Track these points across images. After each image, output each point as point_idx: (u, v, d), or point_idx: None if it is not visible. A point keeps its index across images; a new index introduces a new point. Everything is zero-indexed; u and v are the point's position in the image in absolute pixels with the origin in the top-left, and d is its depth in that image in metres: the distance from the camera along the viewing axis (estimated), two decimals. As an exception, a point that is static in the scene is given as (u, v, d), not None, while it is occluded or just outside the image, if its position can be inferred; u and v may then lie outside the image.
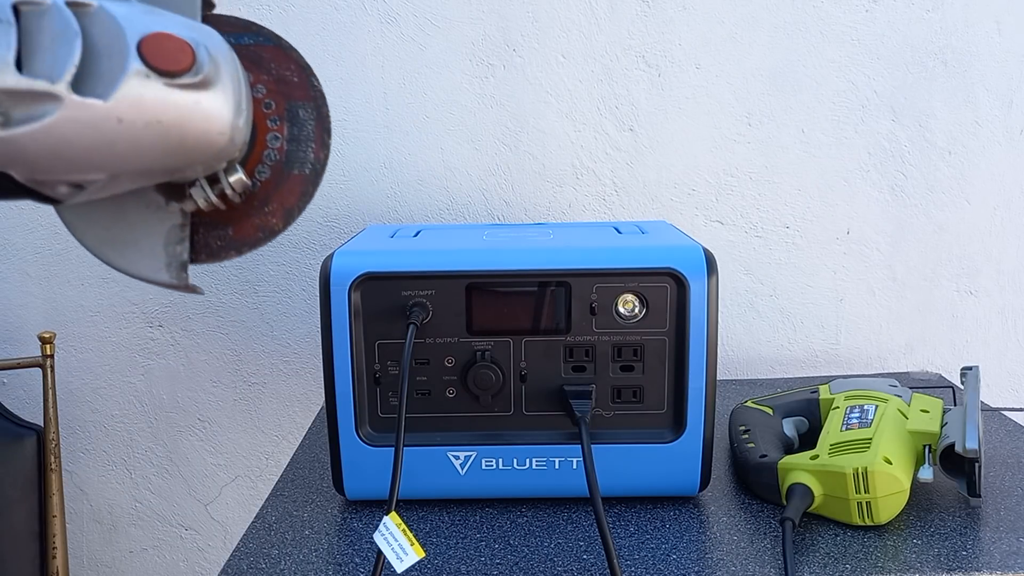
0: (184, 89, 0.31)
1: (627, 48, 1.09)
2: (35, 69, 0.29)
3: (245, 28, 0.39)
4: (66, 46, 0.30)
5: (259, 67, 0.39)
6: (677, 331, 0.72)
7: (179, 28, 0.32)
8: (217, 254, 0.39)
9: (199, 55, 0.32)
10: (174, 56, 0.31)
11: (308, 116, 0.39)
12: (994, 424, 0.91)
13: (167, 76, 0.31)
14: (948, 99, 1.12)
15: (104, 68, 0.30)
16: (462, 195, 1.13)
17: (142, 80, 0.31)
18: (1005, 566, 0.63)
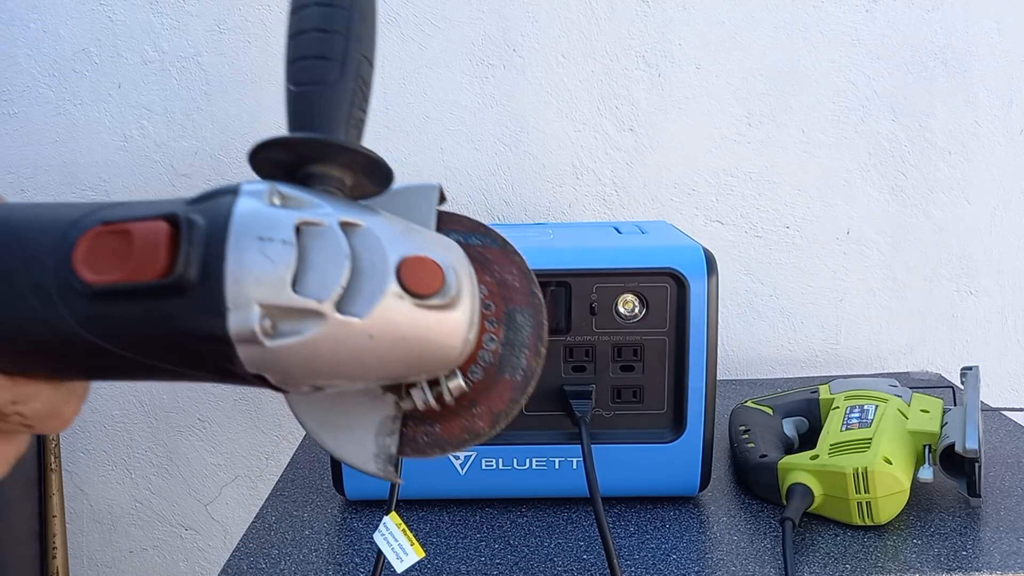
0: (431, 309, 0.33)
1: (627, 48, 1.09)
2: (307, 288, 0.31)
3: (474, 228, 0.40)
4: (337, 267, 0.32)
5: (483, 267, 0.39)
6: (677, 331, 0.72)
7: (432, 248, 0.34)
8: (423, 451, 0.38)
9: (448, 278, 0.33)
10: (428, 280, 0.33)
11: (525, 322, 0.39)
12: (994, 424, 0.91)
13: (418, 298, 0.33)
14: (948, 99, 1.12)
15: (365, 287, 0.32)
16: (462, 195, 1.13)
17: (396, 300, 0.32)
18: (1005, 566, 0.63)
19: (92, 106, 1.10)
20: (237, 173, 1.11)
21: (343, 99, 0.35)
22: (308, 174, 0.34)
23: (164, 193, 1.12)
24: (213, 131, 1.10)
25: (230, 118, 1.10)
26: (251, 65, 1.09)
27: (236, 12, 1.08)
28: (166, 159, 1.11)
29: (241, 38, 1.08)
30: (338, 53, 0.35)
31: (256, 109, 1.10)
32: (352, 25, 0.36)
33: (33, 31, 1.08)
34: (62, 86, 1.09)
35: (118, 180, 1.11)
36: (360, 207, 0.34)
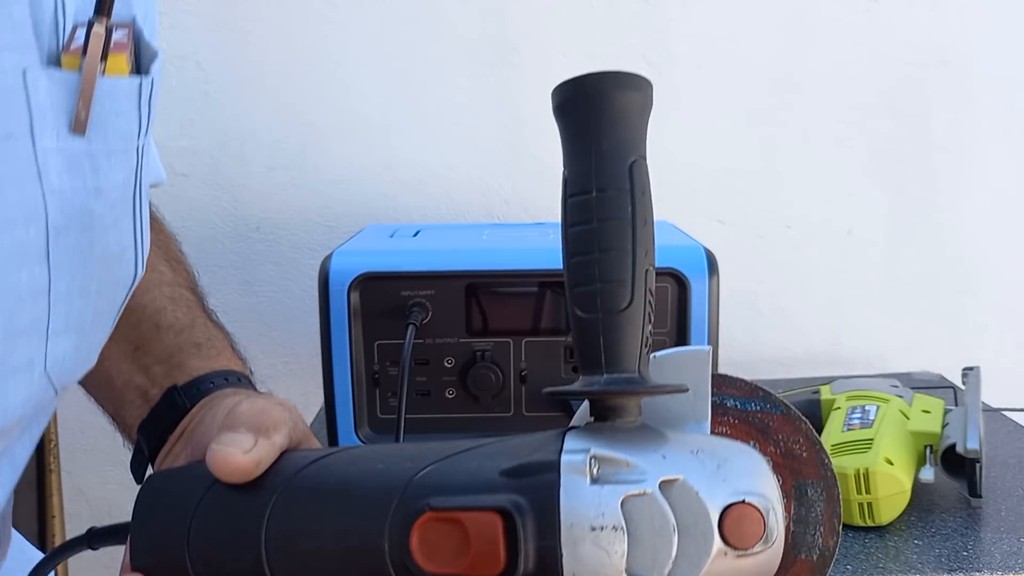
0: (756, 555, 0.32)
1: (627, 47, 1.09)
2: (637, 565, 0.31)
3: (751, 393, 0.38)
4: (665, 542, 0.31)
5: (765, 436, 0.38)
6: (678, 331, 0.71)
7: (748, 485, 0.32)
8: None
9: (768, 524, 0.31)
10: (751, 533, 0.31)
11: (817, 496, 0.37)
12: (995, 424, 0.91)
13: (742, 551, 0.31)
14: (948, 99, 1.11)
15: (690, 552, 0.31)
16: (462, 195, 1.12)
17: (721, 558, 0.31)
18: (1006, 567, 0.63)
19: (91, 106, 1.09)
20: (235, 172, 1.11)
21: (636, 326, 0.34)
22: (609, 407, 0.34)
23: (163, 193, 1.11)
24: (211, 130, 1.10)
25: (228, 118, 1.10)
26: (250, 65, 1.09)
27: (236, 12, 1.07)
28: (165, 159, 1.10)
29: (240, 38, 1.08)
30: (627, 274, 0.35)
31: (255, 109, 1.10)
32: (637, 237, 0.35)
33: (31, 30, 1.07)
34: (61, 86, 1.09)
35: (117, 180, 1.11)
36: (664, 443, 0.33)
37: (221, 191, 1.11)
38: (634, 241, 0.36)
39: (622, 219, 0.35)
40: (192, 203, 1.11)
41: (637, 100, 0.37)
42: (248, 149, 1.11)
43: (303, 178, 1.11)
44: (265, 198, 1.12)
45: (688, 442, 0.33)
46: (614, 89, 0.36)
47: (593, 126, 0.36)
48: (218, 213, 1.12)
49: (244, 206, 1.12)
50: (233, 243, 1.13)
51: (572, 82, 0.35)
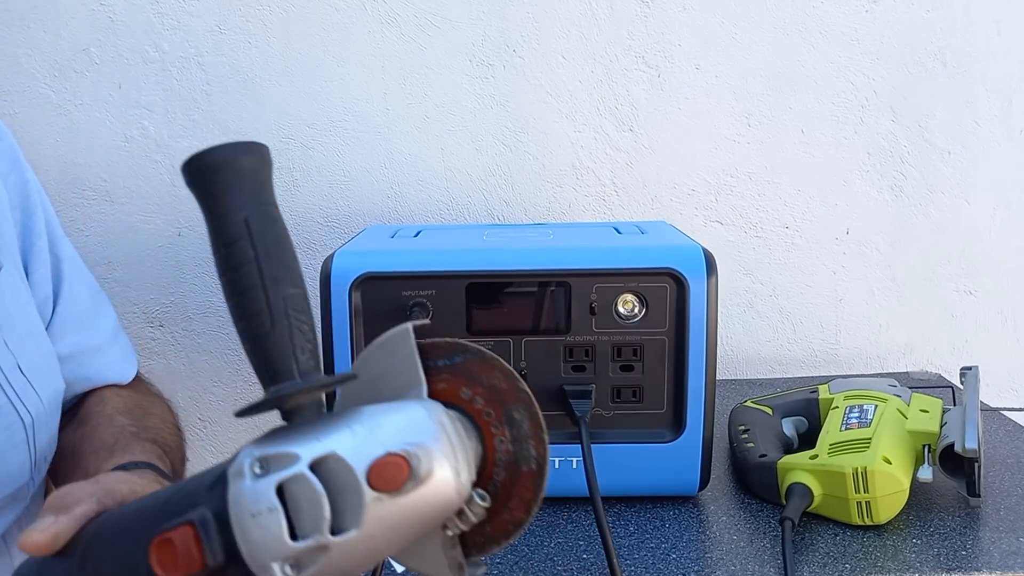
0: (410, 492, 0.39)
1: (627, 48, 1.09)
2: (304, 530, 0.39)
3: (454, 349, 0.45)
4: (317, 506, 0.39)
5: (473, 380, 0.44)
6: (677, 331, 0.72)
7: (392, 439, 0.40)
8: (482, 548, 0.45)
9: (413, 464, 0.39)
10: (394, 477, 0.39)
11: (522, 416, 0.44)
12: (994, 424, 0.91)
13: (394, 492, 0.39)
14: (948, 99, 1.12)
15: (348, 506, 0.39)
16: (462, 195, 1.13)
17: (377, 503, 0.39)
18: (1004, 566, 0.63)
19: (93, 106, 1.10)
20: (237, 173, 1.11)
21: (283, 342, 0.41)
22: (289, 410, 0.41)
23: (165, 193, 1.12)
24: (214, 131, 1.10)
25: (230, 118, 1.10)
26: (252, 65, 1.09)
27: (237, 12, 1.08)
28: (167, 159, 1.11)
29: (242, 38, 1.08)
30: (262, 305, 0.41)
31: (257, 109, 1.10)
32: (264, 274, 0.41)
33: (33, 31, 1.08)
34: (62, 86, 1.09)
35: (118, 180, 1.11)
36: (329, 425, 0.40)
37: (222, 191, 1.12)
38: (262, 278, 0.42)
39: (248, 263, 0.42)
40: (195, 203, 1.11)
41: (247, 164, 0.43)
42: (249, 149, 1.11)
43: (304, 179, 1.12)
44: (266, 198, 1.12)
45: (357, 419, 0.41)
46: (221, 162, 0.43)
47: (208, 195, 0.43)
48: (219, 213, 1.12)
49: (245, 206, 1.12)
50: (234, 243, 1.13)
51: (188, 162, 0.43)
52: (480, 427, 0.44)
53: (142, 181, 1.12)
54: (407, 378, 0.44)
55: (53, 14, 1.07)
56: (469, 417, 0.45)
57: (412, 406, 0.42)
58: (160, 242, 1.12)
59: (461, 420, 0.44)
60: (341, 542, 0.39)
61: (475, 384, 0.44)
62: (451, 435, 0.41)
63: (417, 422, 0.41)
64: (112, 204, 1.12)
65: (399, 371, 0.44)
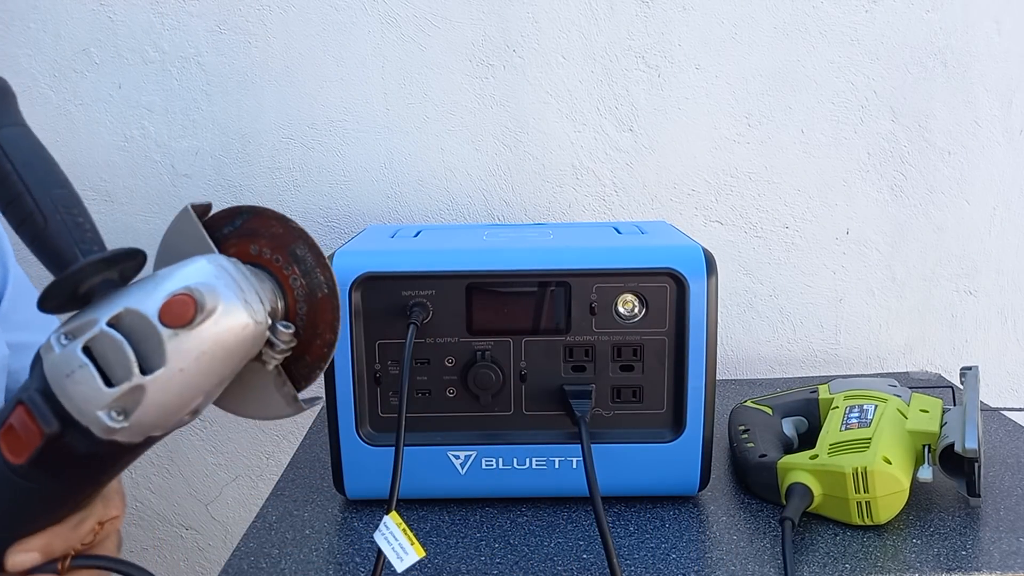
0: (203, 323, 0.43)
1: (627, 49, 1.10)
2: (117, 378, 0.43)
3: (233, 214, 0.49)
4: (122, 352, 0.43)
5: (256, 235, 0.49)
6: (677, 331, 0.72)
7: (176, 284, 0.44)
8: (308, 378, 0.50)
9: (198, 299, 0.43)
10: (182, 312, 0.43)
11: (304, 251, 0.48)
12: (993, 424, 0.91)
13: (188, 325, 0.43)
14: (948, 99, 1.12)
15: (151, 347, 0.43)
16: (462, 195, 1.13)
17: (175, 338, 0.43)
18: (1004, 566, 0.63)
19: (92, 106, 1.10)
20: (237, 173, 1.11)
21: (61, 235, 0.45)
22: (87, 292, 0.45)
23: (165, 193, 1.12)
24: (213, 131, 1.10)
25: (230, 118, 1.10)
26: (251, 65, 1.09)
27: (237, 13, 1.08)
28: (167, 159, 1.11)
29: (242, 39, 1.08)
30: (30, 207, 0.45)
31: (257, 109, 1.10)
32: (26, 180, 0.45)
33: (33, 31, 1.08)
34: (62, 86, 1.09)
35: (118, 180, 1.11)
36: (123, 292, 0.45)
37: (223, 192, 1.12)
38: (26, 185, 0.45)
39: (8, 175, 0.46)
40: (193, 203, 1.12)
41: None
42: (250, 150, 1.11)
43: (305, 179, 1.12)
44: (267, 199, 1.12)
45: (148, 280, 0.45)
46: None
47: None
48: (219, 213, 1.12)
49: (245, 206, 1.12)
50: (234, 243, 1.13)
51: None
52: (276, 275, 0.49)
53: (142, 181, 1.12)
54: (199, 250, 0.48)
55: (53, 14, 1.07)
56: (266, 270, 0.49)
57: (196, 259, 0.46)
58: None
59: (255, 271, 0.48)
60: (153, 380, 0.43)
61: (259, 238, 0.49)
62: (233, 273, 0.45)
63: (199, 268, 0.45)
64: (112, 204, 1.12)
65: (192, 246, 0.48)
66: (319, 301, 0.48)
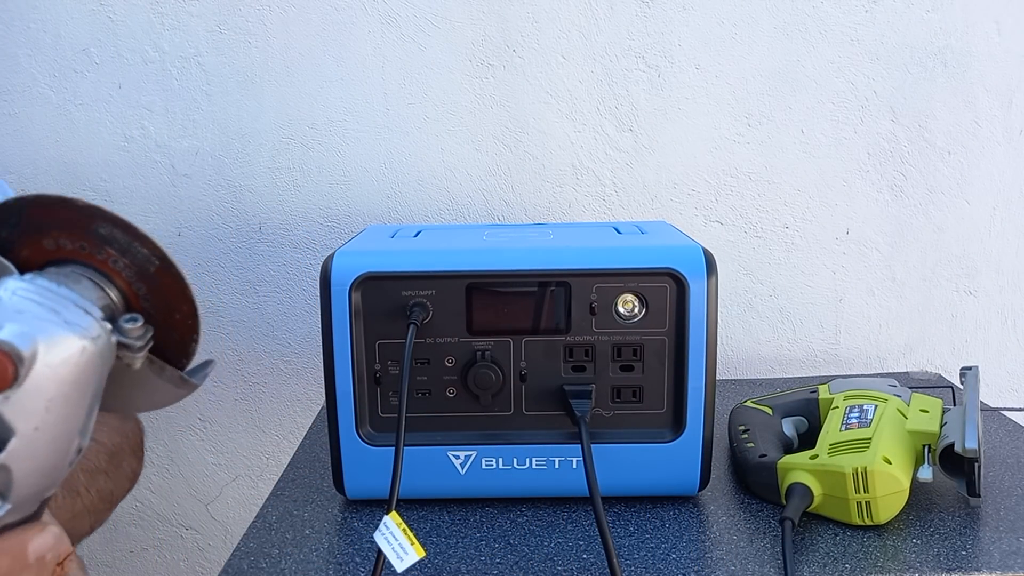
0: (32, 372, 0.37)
1: (627, 49, 1.10)
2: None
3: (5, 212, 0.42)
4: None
5: (45, 229, 0.42)
6: (677, 331, 0.72)
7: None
8: (187, 353, 0.45)
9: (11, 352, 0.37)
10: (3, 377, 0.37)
11: (109, 229, 0.42)
12: (994, 424, 0.91)
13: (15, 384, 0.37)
14: (948, 99, 1.12)
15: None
16: (462, 195, 1.13)
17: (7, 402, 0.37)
18: (1005, 566, 0.63)
19: (93, 106, 1.10)
20: (237, 173, 1.11)
21: None
22: None
23: (165, 193, 1.12)
24: (214, 131, 1.10)
25: (230, 118, 1.10)
26: (252, 65, 1.09)
27: (237, 12, 1.08)
28: (167, 159, 1.11)
29: (242, 38, 1.08)
30: None
31: (257, 109, 1.10)
32: None
33: (33, 31, 1.08)
34: (62, 86, 1.09)
35: (118, 180, 1.11)
36: None
37: (223, 191, 1.12)
38: None
39: None
40: (194, 203, 1.12)
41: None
42: (250, 150, 1.11)
43: (305, 179, 1.12)
44: (267, 198, 1.12)
45: None
46: None
47: None
48: (220, 213, 1.12)
49: (246, 206, 1.12)
50: (235, 243, 1.13)
51: None
52: (91, 264, 0.42)
53: (142, 181, 1.12)
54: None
55: (53, 14, 1.07)
56: (77, 263, 0.42)
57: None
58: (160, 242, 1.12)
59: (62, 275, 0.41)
60: (10, 453, 0.38)
61: (48, 231, 0.42)
62: (35, 296, 0.39)
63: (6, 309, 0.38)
64: (112, 204, 1.11)
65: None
66: (155, 275, 0.42)
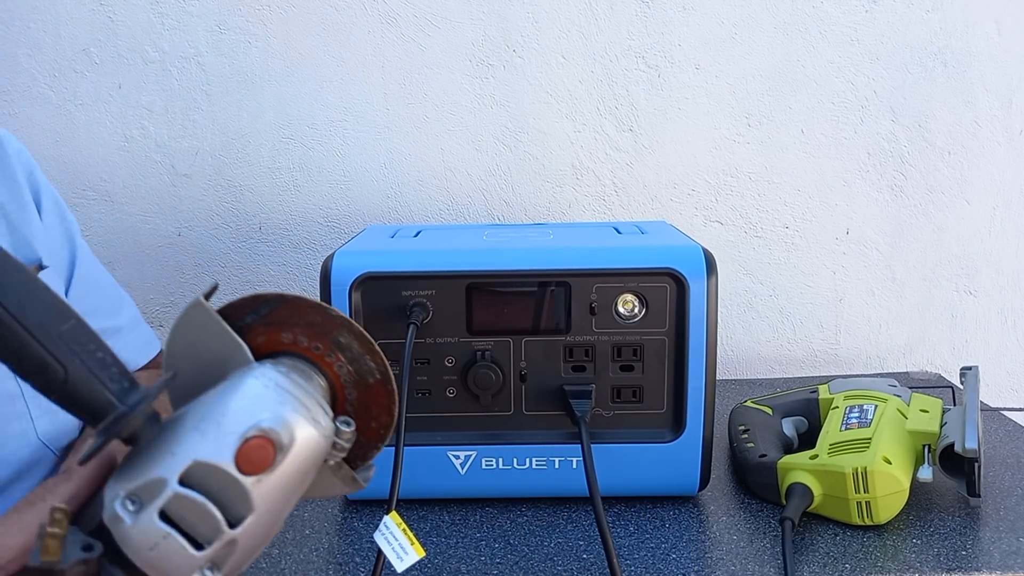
0: (284, 460, 0.40)
1: (627, 48, 1.10)
2: (205, 538, 0.39)
3: (256, 302, 0.45)
4: (208, 513, 0.39)
5: (288, 324, 0.45)
6: (677, 331, 0.72)
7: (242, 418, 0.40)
8: (364, 457, 0.47)
9: (276, 441, 0.40)
10: (262, 458, 0.39)
11: (347, 339, 0.45)
12: (993, 424, 0.91)
13: (268, 469, 0.40)
14: (948, 99, 1.12)
15: (234, 497, 0.39)
16: (462, 195, 1.13)
17: (259, 484, 0.40)
18: (1004, 566, 0.63)
19: (93, 106, 1.10)
20: (237, 173, 1.11)
21: (87, 381, 0.39)
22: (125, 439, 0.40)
23: (164, 194, 1.12)
24: (213, 131, 1.10)
25: (230, 118, 1.10)
26: (252, 65, 1.09)
27: (237, 12, 1.08)
28: (167, 159, 1.11)
29: (242, 38, 1.08)
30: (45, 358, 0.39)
31: (257, 109, 1.10)
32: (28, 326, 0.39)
33: (33, 31, 1.08)
34: (62, 86, 1.09)
35: (118, 180, 1.11)
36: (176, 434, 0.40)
37: (224, 191, 1.12)
38: (29, 330, 0.39)
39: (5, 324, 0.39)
40: (195, 203, 1.12)
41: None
42: (250, 150, 1.11)
43: (305, 179, 1.12)
44: (267, 198, 1.12)
45: (200, 417, 0.40)
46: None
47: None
48: (220, 213, 1.12)
49: (246, 206, 1.12)
50: (235, 243, 1.13)
51: None
52: (314, 361, 0.45)
53: (142, 181, 1.12)
54: (224, 346, 0.43)
55: (53, 14, 1.07)
56: (300, 356, 0.45)
57: (243, 381, 0.42)
58: (160, 242, 1.12)
59: (294, 366, 0.44)
60: (243, 530, 0.40)
61: (291, 327, 0.45)
62: (293, 391, 0.42)
63: (256, 396, 0.41)
64: (112, 204, 1.12)
65: (213, 343, 0.43)
66: (371, 386, 0.46)
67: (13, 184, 0.73)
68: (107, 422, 0.39)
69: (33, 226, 0.72)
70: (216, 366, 0.43)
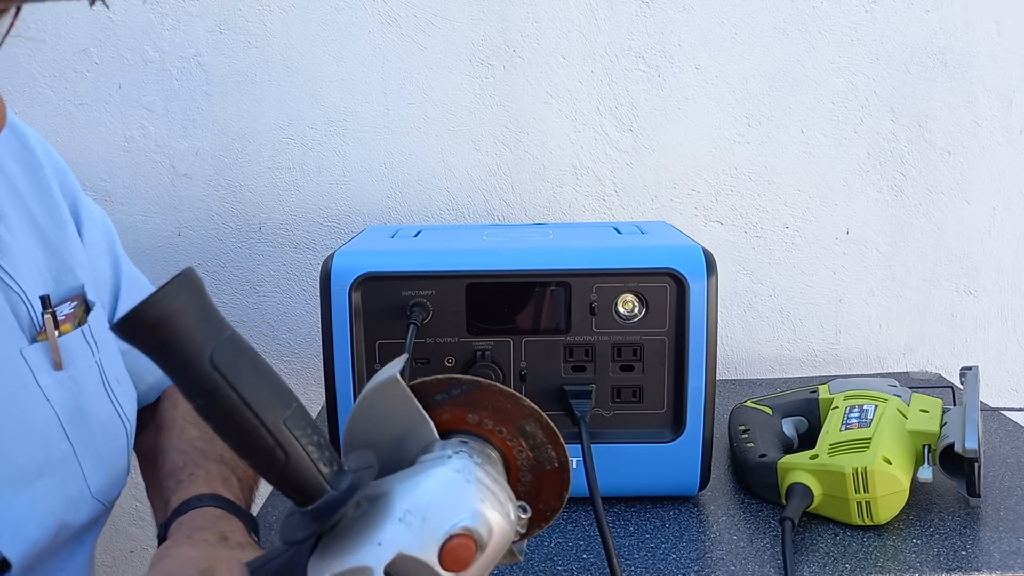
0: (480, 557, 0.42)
1: (627, 49, 1.10)
2: None
3: (449, 383, 0.47)
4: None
5: (478, 407, 0.47)
6: (677, 331, 0.72)
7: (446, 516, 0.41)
8: (528, 533, 0.49)
9: (478, 540, 0.42)
10: (465, 556, 0.41)
11: (534, 428, 0.47)
12: (993, 424, 0.91)
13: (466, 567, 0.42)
14: (948, 99, 1.12)
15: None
16: (462, 195, 1.13)
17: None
18: (1005, 566, 0.63)
19: (93, 106, 1.10)
20: (237, 173, 1.11)
21: (304, 466, 0.40)
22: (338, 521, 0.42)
23: (164, 194, 1.12)
24: (214, 131, 1.10)
25: (230, 118, 1.10)
26: (252, 65, 1.09)
27: (237, 12, 1.08)
28: (167, 159, 1.11)
29: (242, 39, 1.08)
30: (269, 442, 0.39)
31: (257, 109, 1.10)
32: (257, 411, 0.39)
33: (33, 31, 1.08)
34: (62, 86, 1.09)
35: (119, 180, 1.11)
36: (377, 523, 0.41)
37: (224, 191, 1.12)
38: (258, 415, 0.39)
39: (235, 408, 0.39)
40: (195, 203, 1.12)
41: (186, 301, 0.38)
42: (250, 150, 1.11)
43: (305, 179, 1.12)
44: (267, 199, 1.12)
45: (400, 507, 0.42)
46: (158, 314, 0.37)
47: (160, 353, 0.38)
48: (220, 213, 1.12)
49: (246, 206, 1.12)
50: (236, 243, 1.13)
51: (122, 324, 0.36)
52: (494, 442, 0.48)
53: (142, 181, 1.12)
54: (410, 420, 0.46)
55: (53, 14, 1.07)
56: (482, 438, 0.48)
57: (443, 472, 0.43)
58: (160, 242, 1.12)
59: (483, 452, 0.46)
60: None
61: (479, 410, 0.47)
62: (490, 485, 0.43)
63: (459, 491, 0.43)
64: (112, 204, 1.12)
65: (400, 416, 0.46)
66: (547, 473, 0.48)
67: (49, 200, 0.68)
68: (322, 507, 0.41)
69: (72, 248, 0.67)
70: (398, 437, 0.46)
